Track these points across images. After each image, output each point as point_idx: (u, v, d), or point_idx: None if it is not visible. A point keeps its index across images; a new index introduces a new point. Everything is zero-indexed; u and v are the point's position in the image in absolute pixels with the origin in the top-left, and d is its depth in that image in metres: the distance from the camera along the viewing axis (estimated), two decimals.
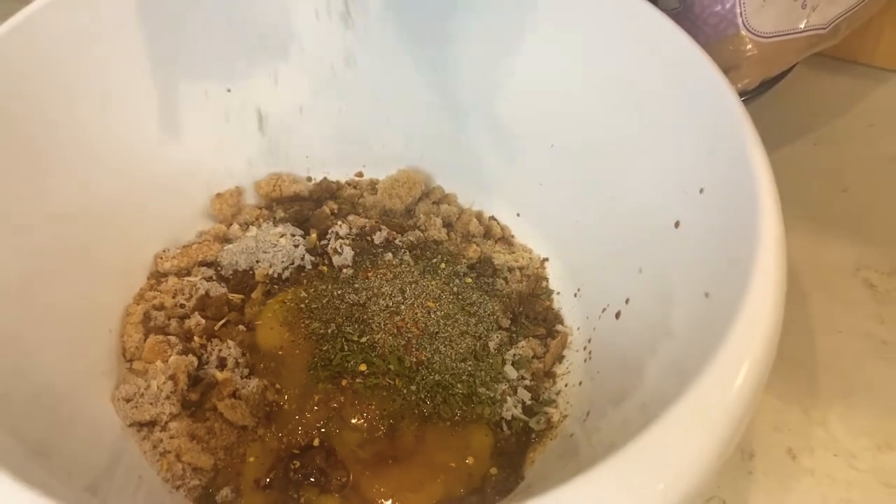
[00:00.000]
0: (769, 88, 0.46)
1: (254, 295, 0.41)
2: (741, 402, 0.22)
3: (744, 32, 0.41)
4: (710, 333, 0.25)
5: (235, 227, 0.45)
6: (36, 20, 0.36)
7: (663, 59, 0.34)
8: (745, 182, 0.27)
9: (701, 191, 0.31)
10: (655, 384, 0.28)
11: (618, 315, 0.36)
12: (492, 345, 0.39)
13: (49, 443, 0.29)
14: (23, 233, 0.34)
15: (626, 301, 0.35)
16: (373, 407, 0.36)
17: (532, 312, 0.41)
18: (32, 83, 0.36)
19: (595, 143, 0.39)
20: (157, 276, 0.42)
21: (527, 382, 0.38)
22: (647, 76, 0.35)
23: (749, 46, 0.42)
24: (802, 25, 0.42)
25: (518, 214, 0.45)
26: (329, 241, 0.43)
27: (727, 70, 0.32)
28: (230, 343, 0.38)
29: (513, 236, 0.45)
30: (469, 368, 0.38)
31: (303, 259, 0.42)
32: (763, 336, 0.23)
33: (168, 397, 0.35)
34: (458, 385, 0.37)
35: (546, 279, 0.43)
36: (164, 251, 0.42)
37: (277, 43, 0.43)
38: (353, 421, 0.36)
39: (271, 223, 0.45)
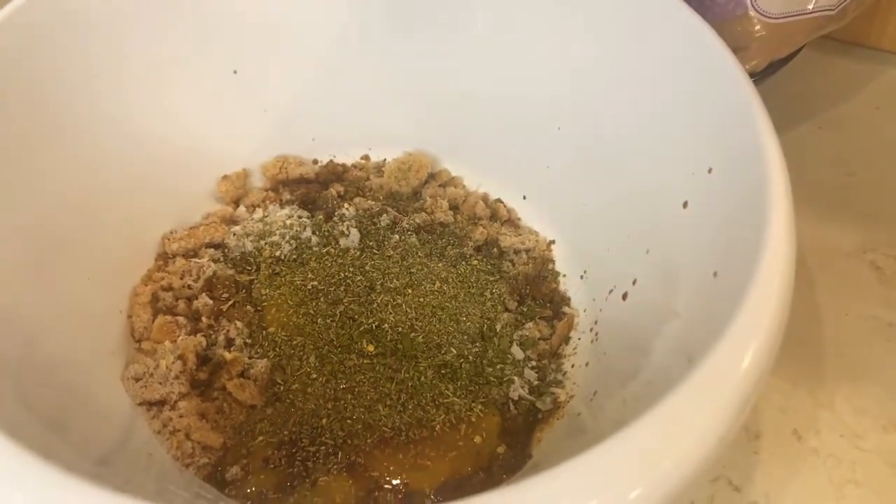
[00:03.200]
0: (776, 71, 0.46)
1: (261, 276, 0.41)
2: (748, 382, 0.22)
3: (752, 13, 0.41)
4: (718, 312, 0.25)
5: (242, 209, 0.45)
6: (38, 3, 0.36)
7: (671, 38, 0.34)
8: (754, 162, 0.27)
9: (709, 171, 0.31)
10: (662, 363, 0.28)
11: (625, 296, 0.36)
12: (498, 326, 0.39)
13: (62, 418, 0.29)
14: (31, 215, 0.34)
15: (634, 282, 0.36)
16: (381, 387, 0.36)
17: (538, 294, 0.41)
18: (36, 66, 0.36)
19: (602, 125, 0.39)
20: (165, 258, 0.42)
21: (533, 363, 0.38)
22: (655, 56, 0.35)
23: (757, 27, 0.41)
24: (811, 6, 0.42)
25: (524, 197, 0.45)
26: (335, 223, 0.43)
27: (735, 51, 0.32)
28: (238, 323, 0.39)
29: (519, 219, 0.45)
30: (476, 349, 0.38)
31: (309, 241, 0.42)
32: (771, 316, 0.23)
33: (177, 377, 0.36)
34: (466, 366, 0.37)
35: (552, 261, 0.43)
36: (171, 232, 0.42)
37: (284, 24, 0.43)
38: (362, 400, 0.36)
39: (277, 205, 0.45)
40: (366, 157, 0.48)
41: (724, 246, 0.28)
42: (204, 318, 0.39)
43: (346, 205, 0.44)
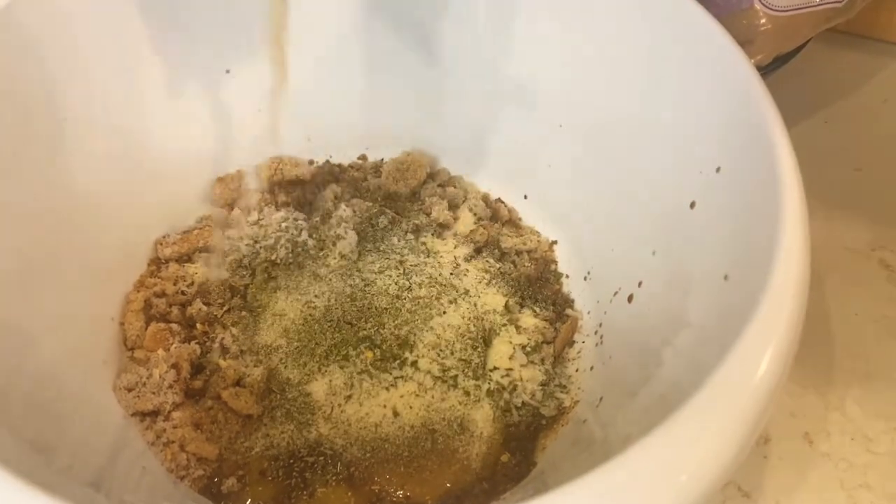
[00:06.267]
0: (782, 65, 0.45)
1: (256, 281, 0.40)
2: (764, 390, 0.22)
3: (758, 6, 0.40)
4: (731, 318, 0.24)
5: (237, 211, 0.44)
6: (29, 3, 0.35)
7: (676, 32, 0.33)
8: (765, 160, 0.27)
9: (718, 170, 0.30)
10: (673, 372, 0.27)
11: (630, 299, 0.35)
12: (500, 329, 0.38)
13: (50, 437, 0.28)
14: (20, 220, 0.33)
15: (639, 284, 0.35)
16: (380, 394, 0.35)
17: (541, 296, 0.40)
18: (27, 67, 0.35)
19: (605, 122, 0.38)
20: (158, 263, 0.41)
21: (537, 367, 0.37)
22: (659, 50, 0.34)
23: (763, 20, 0.41)
24: None
25: (525, 196, 0.44)
26: (332, 225, 0.42)
27: (740, 45, 0.31)
28: (233, 330, 0.38)
29: (520, 219, 0.44)
30: (478, 354, 0.37)
31: (306, 244, 0.41)
32: (787, 321, 0.23)
33: (171, 386, 0.35)
34: (467, 371, 0.36)
35: (555, 262, 0.42)
36: (164, 237, 0.41)
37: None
38: (361, 409, 0.35)
39: (273, 208, 0.44)
40: (363, 157, 0.47)
41: (735, 248, 0.27)
42: (198, 325, 0.38)
43: (342, 206, 0.43)
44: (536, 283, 0.41)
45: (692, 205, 0.31)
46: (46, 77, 0.36)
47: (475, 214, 0.44)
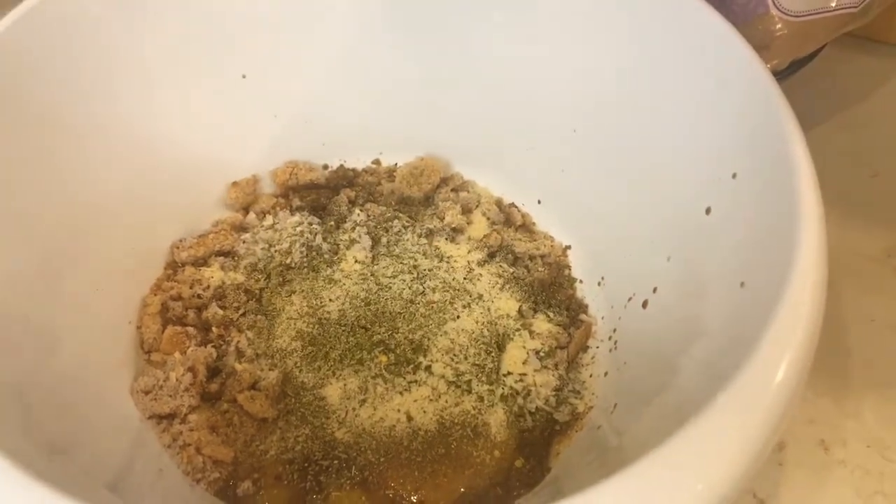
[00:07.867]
0: (798, 70, 0.45)
1: (271, 285, 0.40)
2: (781, 398, 0.21)
3: (774, 11, 0.40)
4: (748, 325, 0.24)
5: (252, 215, 0.44)
6: (46, 6, 0.35)
7: (692, 38, 0.33)
8: (782, 166, 0.26)
9: (734, 176, 0.30)
10: (689, 380, 0.27)
11: (645, 304, 0.35)
12: (514, 334, 0.38)
13: (68, 438, 0.28)
14: (38, 224, 0.34)
15: (654, 290, 0.35)
16: (394, 399, 0.35)
17: (555, 301, 0.40)
18: (45, 72, 0.35)
19: (620, 127, 0.38)
20: (174, 266, 0.41)
21: (551, 373, 0.37)
22: (675, 56, 0.34)
23: (779, 26, 0.40)
24: (834, 4, 0.41)
25: (539, 201, 0.44)
26: (346, 229, 0.42)
27: (756, 51, 0.31)
28: (248, 334, 0.38)
29: (534, 223, 0.44)
30: (491, 359, 0.37)
31: (320, 248, 0.42)
32: (804, 327, 0.22)
33: (187, 389, 0.35)
34: (481, 375, 0.36)
35: (569, 267, 0.42)
36: (180, 241, 0.42)
37: (294, 27, 0.42)
38: (375, 413, 0.35)
39: (288, 212, 0.44)
40: (377, 162, 0.47)
41: (752, 254, 0.27)
42: (214, 329, 0.38)
43: (357, 210, 0.43)
44: (550, 288, 0.41)
45: (708, 210, 0.31)
46: (63, 82, 0.36)
47: (488, 219, 0.44)
